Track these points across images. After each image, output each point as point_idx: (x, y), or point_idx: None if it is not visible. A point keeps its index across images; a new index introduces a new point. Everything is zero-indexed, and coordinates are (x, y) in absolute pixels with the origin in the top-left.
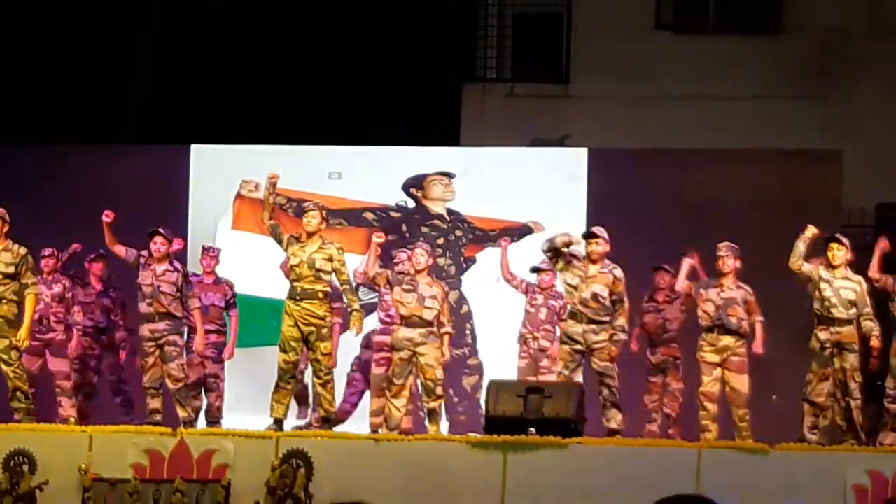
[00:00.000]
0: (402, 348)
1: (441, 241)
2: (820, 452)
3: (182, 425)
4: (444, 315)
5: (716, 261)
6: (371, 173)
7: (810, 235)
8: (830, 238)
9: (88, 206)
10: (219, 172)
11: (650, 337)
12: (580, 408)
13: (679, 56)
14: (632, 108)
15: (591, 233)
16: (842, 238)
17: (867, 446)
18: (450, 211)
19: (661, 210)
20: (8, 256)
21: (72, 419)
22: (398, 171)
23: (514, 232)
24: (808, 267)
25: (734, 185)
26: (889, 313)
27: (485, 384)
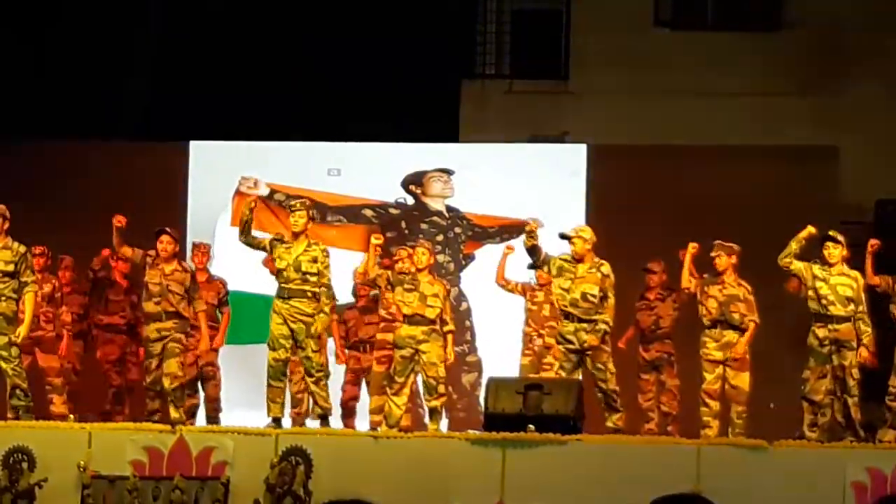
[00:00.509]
0: (404, 346)
1: (440, 237)
2: (819, 449)
3: (172, 426)
4: (446, 313)
5: (712, 259)
6: (370, 170)
7: (806, 235)
8: (826, 236)
9: (87, 204)
10: (218, 169)
11: (643, 334)
12: (579, 405)
13: (677, 52)
14: (631, 105)
15: (565, 235)
16: (837, 236)
17: (866, 443)
18: (449, 208)
19: (659, 206)
20: (7, 254)
21: (71, 416)
22: (397, 167)
23: (514, 229)
24: (798, 264)
25: (732, 181)
26: (889, 314)
27: (484, 381)
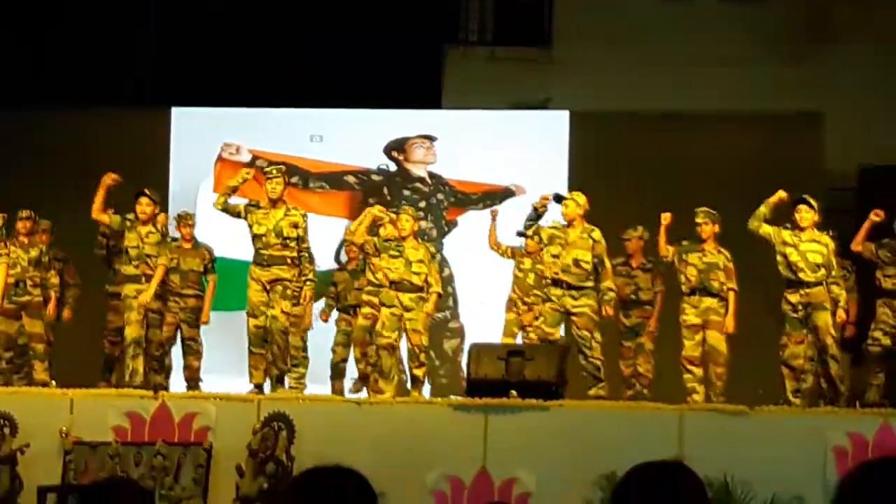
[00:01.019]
0: (392, 305)
1: (423, 204)
2: (801, 415)
3: (153, 390)
4: (431, 276)
5: (694, 226)
6: (352, 136)
7: (776, 200)
8: (798, 199)
9: (69, 170)
10: (200, 136)
11: (623, 301)
12: (562, 370)
13: (661, 20)
14: (613, 72)
15: (560, 196)
16: (810, 199)
17: (848, 409)
18: (431, 174)
19: (641, 173)
20: None
21: (53, 383)
22: (380, 134)
23: (496, 195)
24: (767, 228)
25: (716, 149)
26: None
27: (466, 347)
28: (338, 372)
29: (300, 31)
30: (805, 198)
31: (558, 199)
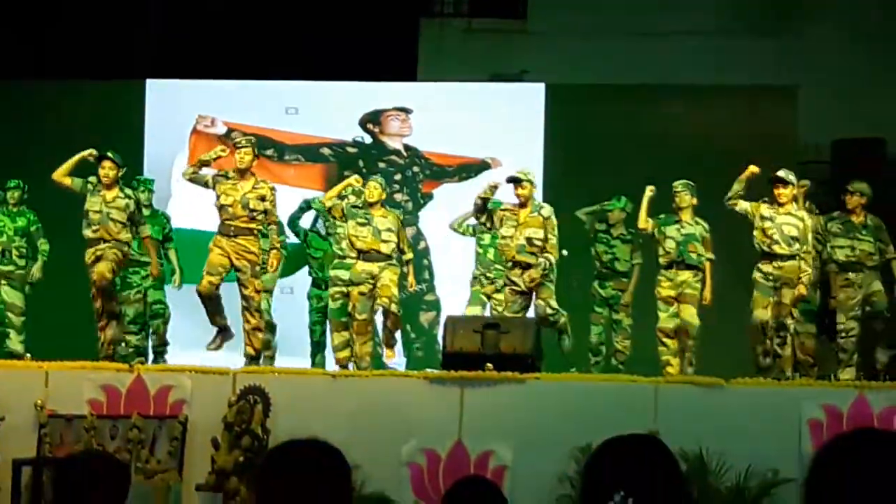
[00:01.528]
0: (361, 282)
1: (398, 176)
2: (776, 388)
3: (108, 345)
4: (403, 243)
5: (672, 197)
6: (328, 109)
7: (749, 175)
8: (775, 178)
9: (44, 141)
10: (175, 108)
11: (599, 270)
12: (537, 343)
13: None
14: (589, 44)
15: (516, 178)
16: (786, 177)
17: (823, 381)
18: (407, 146)
19: (617, 145)
20: None
21: (28, 356)
22: (355, 106)
23: (472, 168)
24: (744, 205)
25: (690, 121)
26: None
27: (442, 320)
28: (319, 348)
29: (276, 4)
30: (781, 176)
31: (513, 180)
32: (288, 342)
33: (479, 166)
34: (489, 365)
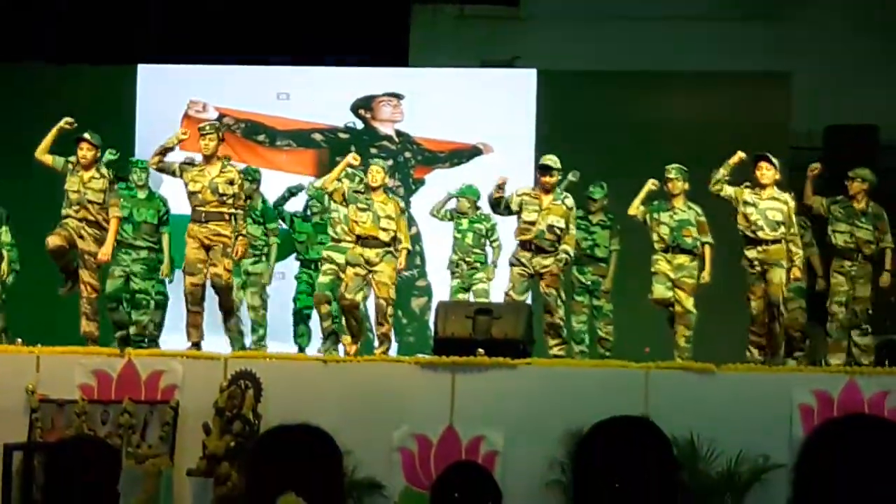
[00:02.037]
0: (357, 264)
1: (390, 162)
2: (766, 373)
3: (87, 342)
4: (401, 231)
5: (664, 183)
6: (319, 94)
7: (736, 161)
8: (759, 156)
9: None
10: (166, 93)
11: (578, 257)
12: (529, 329)
13: None
14: (581, 30)
15: (547, 166)
16: (771, 157)
17: (813, 366)
18: (399, 132)
19: (609, 132)
20: None
21: (19, 340)
22: (347, 92)
23: (464, 154)
24: (728, 190)
25: (683, 107)
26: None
27: (433, 305)
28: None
29: None
30: (766, 155)
31: (544, 168)
32: (281, 326)
33: (471, 152)
34: (481, 350)
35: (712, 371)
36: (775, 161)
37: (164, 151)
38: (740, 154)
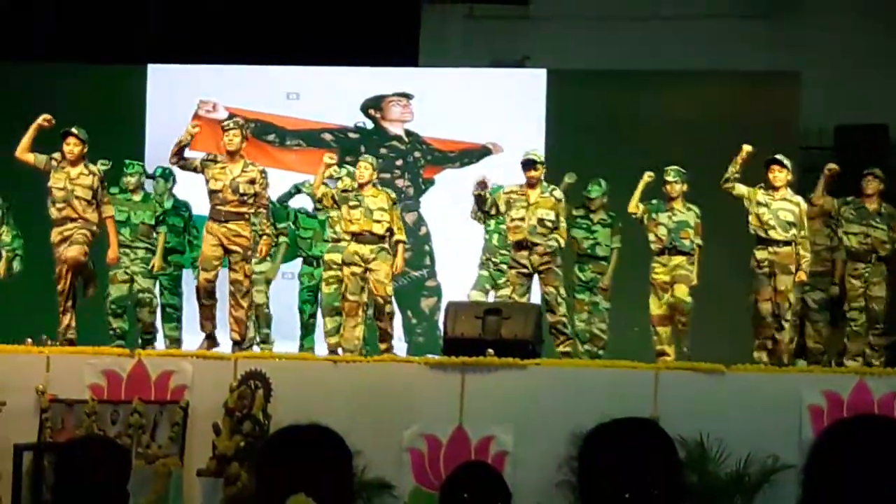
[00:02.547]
0: (353, 262)
1: (399, 162)
2: (776, 374)
3: (66, 330)
4: (394, 224)
5: (663, 185)
6: (329, 94)
7: (744, 156)
8: (771, 160)
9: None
10: (176, 93)
11: (578, 254)
12: (538, 329)
13: None
14: (590, 30)
15: (532, 160)
16: (783, 160)
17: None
18: (408, 132)
19: (617, 131)
20: None
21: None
22: (357, 91)
23: (473, 153)
24: (741, 188)
25: (692, 107)
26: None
27: (443, 306)
28: (308, 330)
29: None
30: (778, 158)
31: (528, 163)
32: (288, 326)
33: (481, 152)
34: (490, 351)
35: (722, 372)
36: (787, 163)
37: (180, 150)
38: (747, 148)
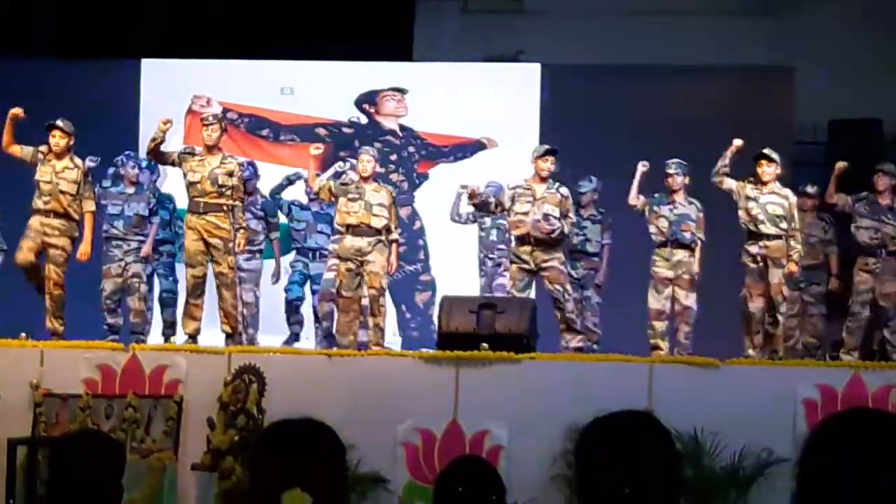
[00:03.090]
0: (348, 258)
1: (394, 157)
2: (770, 367)
3: (53, 337)
4: (392, 221)
5: (665, 177)
6: (323, 89)
7: (735, 149)
8: (759, 154)
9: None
10: (170, 87)
11: (570, 252)
12: (533, 323)
13: None
14: (585, 24)
15: (553, 149)
16: (771, 154)
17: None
18: (402, 127)
19: (613, 126)
20: None
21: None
22: (351, 86)
23: (468, 148)
24: (730, 183)
25: (687, 102)
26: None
27: (437, 300)
28: (293, 308)
29: None
30: (765, 153)
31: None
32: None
33: (475, 147)
34: (485, 345)
35: (716, 365)
36: (775, 156)
37: (156, 146)
38: (737, 142)
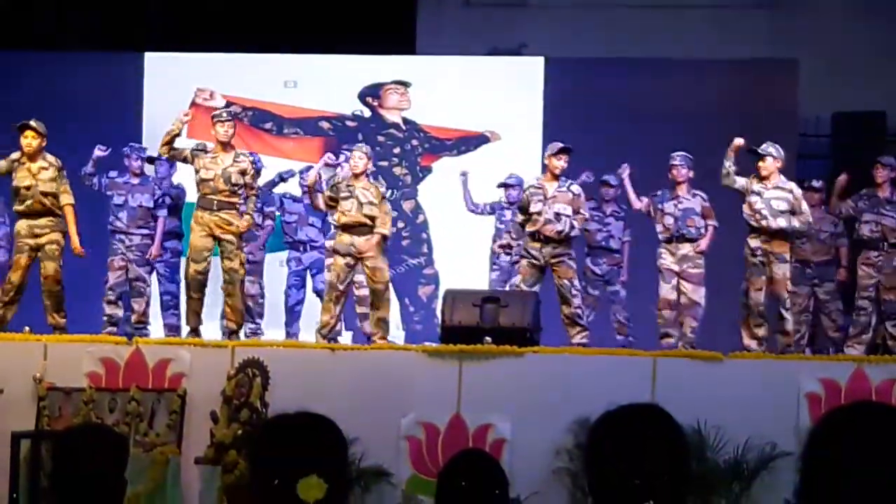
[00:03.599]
0: (345, 253)
1: (397, 150)
2: (774, 361)
3: (56, 331)
4: (379, 217)
5: (669, 170)
6: (327, 82)
7: (735, 148)
8: (751, 150)
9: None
10: (173, 81)
11: (591, 247)
12: (536, 317)
13: None
14: (588, 17)
15: (569, 148)
16: (765, 151)
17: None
18: (406, 120)
19: (616, 119)
20: None
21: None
22: (354, 79)
23: (471, 141)
24: (741, 181)
25: (690, 95)
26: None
27: (441, 294)
28: (293, 316)
29: None
30: (756, 149)
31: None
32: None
33: (478, 140)
34: (488, 338)
35: (719, 359)
36: (772, 151)
37: (171, 139)
38: (737, 141)
